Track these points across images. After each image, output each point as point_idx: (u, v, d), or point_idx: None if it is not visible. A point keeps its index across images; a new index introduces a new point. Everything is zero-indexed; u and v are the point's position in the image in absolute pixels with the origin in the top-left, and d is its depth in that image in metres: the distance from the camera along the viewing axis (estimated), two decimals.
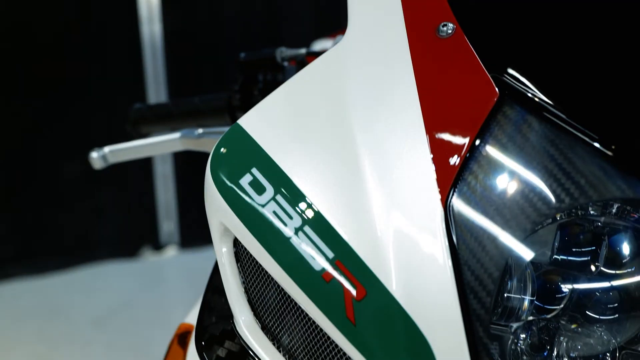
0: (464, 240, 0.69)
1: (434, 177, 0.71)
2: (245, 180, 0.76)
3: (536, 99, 0.73)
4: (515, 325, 0.70)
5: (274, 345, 0.79)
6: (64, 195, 3.57)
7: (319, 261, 0.70)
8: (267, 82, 1.15)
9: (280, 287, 0.76)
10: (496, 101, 0.72)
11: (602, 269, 0.71)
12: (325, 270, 0.70)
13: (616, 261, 0.71)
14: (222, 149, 0.80)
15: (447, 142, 0.72)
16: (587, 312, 0.70)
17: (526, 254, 0.70)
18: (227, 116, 1.19)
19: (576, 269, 0.71)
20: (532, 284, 0.70)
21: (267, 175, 0.76)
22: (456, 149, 0.71)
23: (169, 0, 3.54)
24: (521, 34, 0.81)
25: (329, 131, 0.77)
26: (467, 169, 0.71)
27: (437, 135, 0.72)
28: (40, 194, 3.53)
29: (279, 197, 0.74)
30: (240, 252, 0.80)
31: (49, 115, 3.47)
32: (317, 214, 0.72)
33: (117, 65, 3.52)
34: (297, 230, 0.72)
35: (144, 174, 3.71)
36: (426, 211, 0.70)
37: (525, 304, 0.70)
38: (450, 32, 0.78)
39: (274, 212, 0.73)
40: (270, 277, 0.76)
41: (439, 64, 0.77)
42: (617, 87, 0.77)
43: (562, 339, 0.71)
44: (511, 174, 0.71)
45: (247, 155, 0.78)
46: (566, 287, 0.70)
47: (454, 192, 0.70)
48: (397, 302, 0.67)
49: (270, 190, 0.75)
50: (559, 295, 0.70)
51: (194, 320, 0.91)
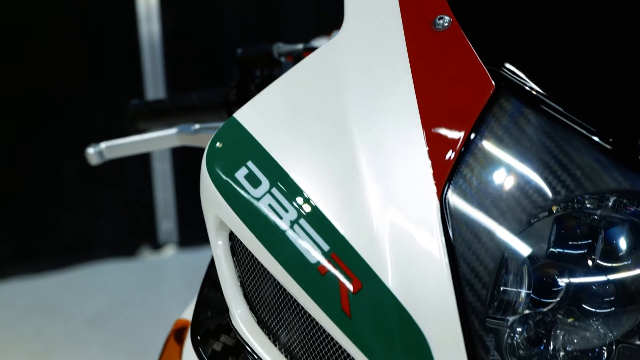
0: (459, 233, 0.69)
1: (430, 170, 0.71)
2: (240, 173, 0.76)
3: (533, 92, 0.72)
4: (511, 318, 0.70)
5: (270, 339, 0.78)
6: (62, 194, 3.56)
7: (315, 254, 0.70)
8: (264, 77, 1.15)
9: (276, 281, 0.75)
10: (492, 94, 0.72)
11: (599, 262, 0.70)
12: (320, 263, 0.70)
13: (612, 254, 0.71)
14: (218, 143, 0.80)
15: (443, 135, 0.72)
16: (584, 306, 0.70)
17: (522, 247, 0.70)
18: (224, 112, 1.19)
19: (572, 263, 0.71)
20: (528, 278, 0.70)
21: (262, 168, 0.75)
22: (452, 142, 0.71)
23: None
24: (518, 27, 0.81)
25: (324, 124, 0.77)
26: (463, 161, 0.71)
27: (432, 127, 0.72)
28: (38, 193, 3.52)
29: (275, 190, 0.74)
30: (236, 246, 0.80)
31: (47, 114, 3.46)
32: (313, 207, 0.72)
33: (116, 64, 3.52)
34: (292, 223, 0.72)
35: (142, 173, 3.71)
36: (422, 204, 0.70)
37: (521, 298, 0.70)
38: (446, 25, 0.78)
39: (270, 205, 0.73)
40: (266, 271, 0.76)
41: (435, 56, 0.77)
42: (614, 80, 0.77)
43: (558, 332, 0.71)
44: (507, 166, 0.71)
45: (243, 148, 0.78)
46: (562, 281, 0.70)
47: (450, 185, 0.70)
48: (393, 295, 0.67)
49: (265, 183, 0.75)
50: (555, 288, 0.70)
51: (190, 316, 0.91)
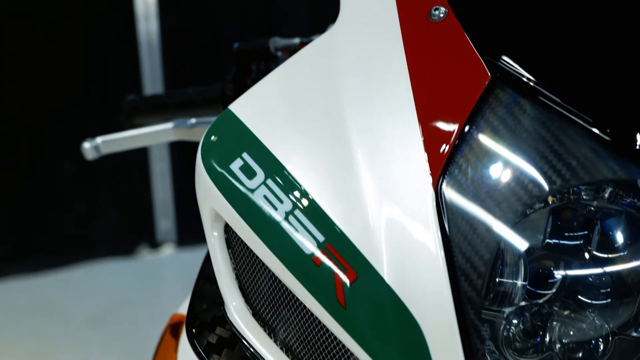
0: (455, 223, 0.69)
1: (426, 161, 0.71)
2: (235, 165, 0.76)
3: (529, 82, 0.72)
4: (507, 310, 0.70)
5: (265, 331, 0.78)
6: (60, 193, 3.56)
7: (310, 245, 0.70)
8: (260, 72, 1.15)
9: (271, 273, 0.75)
10: (488, 84, 0.72)
11: (595, 254, 0.70)
12: (316, 254, 0.70)
13: (608, 246, 0.70)
14: (213, 135, 0.80)
15: (438, 126, 0.72)
16: (580, 297, 0.70)
17: (518, 238, 0.70)
18: (220, 107, 1.19)
19: (568, 254, 0.70)
20: (524, 269, 0.70)
21: (257, 159, 0.75)
22: (447, 132, 0.71)
23: None
24: (514, 17, 0.80)
25: (320, 116, 0.77)
26: (459, 152, 0.71)
27: (428, 118, 0.72)
28: (36, 192, 3.52)
29: (270, 182, 0.74)
30: (231, 239, 0.80)
31: (45, 113, 3.46)
32: (308, 198, 0.72)
33: (114, 63, 3.51)
34: (287, 214, 0.72)
35: (140, 172, 3.70)
36: (417, 195, 0.70)
37: (517, 289, 0.69)
38: (442, 16, 0.78)
39: (265, 197, 0.73)
40: (261, 263, 0.76)
41: (431, 47, 0.77)
42: (610, 70, 0.77)
43: (554, 324, 0.70)
44: (503, 156, 0.71)
45: (238, 140, 0.78)
46: (558, 272, 0.70)
47: (445, 176, 0.70)
48: (388, 286, 0.67)
49: (261, 174, 0.74)
50: (551, 280, 0.70)
51: (186, 310, 0.91)
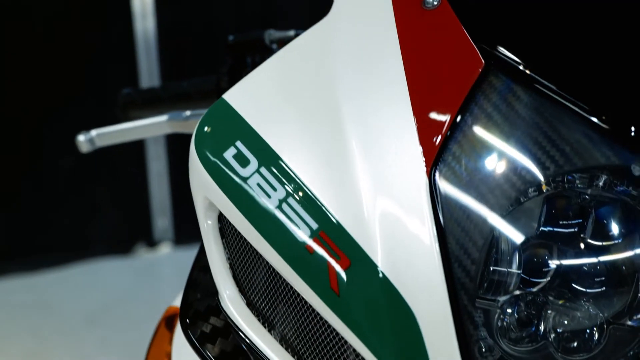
0: (449, 211, 0.69)
1: (419, 148, 0.70)
2: (229, 153, 0.76)
3: (523, 69, 0.72)
4: (502, 299, 0.69)
5: (259, 320, 0.78)
6: (58, 192, 3.56)
7: (303, 232, 0.70)
8: (255, 64, 1.15)
9: (265, 262, 0.75)
10: (481, 71, 0.72)
11: (589, 242, 0.70)
12: (309, 241, 0.69)
13: (603, 234, 0.70)
14: (207, 124, 0.80)
15: (432, 113, 0.72)
16: (574, 286, 0.70)
17: (512, 226, 0.70)
18: (215, 99, 1.18)
19: (563, 242, 0.70)
20: (518, 257, 0.69)
21: (251, 148, 0.75)
22: (441, 120, 0.71)
23: None
24: (508, 5, 0.80)
25: (314, 104, 0.77)
26: (452, 139, 0.71)
27: (422, 106, 0.72)
28: (34, 191, 3.52)
29: (263, 170, 0.74)
30: (225, 228, 0.80)
31: (42, 112, 3.46)
32: (301, 186, 0.72)
33: (111, 61, 3.51)
34: (281, 201, 0.72)
35: (138, 170, 3.70)
36: (411, 182, 0.69)
37: (511, 277, 0.69)
38: (436, 3, 0.78)
39: (258, 184, 0.73)
40: (255, 252, 0.76)
41: (425, 35, 0.77)
42: (606, 58, 0.77)
43: (549, 313, 0.70)
44: (496, 143, 0.71)
45: (232, 128, 0.78)
46: (552, 260, 0.70)
47: (439, 163, 0.70)
48: (382, 273, 0.67)
49: (254, 162, 0.74)
50: (546, 268, 0.70)
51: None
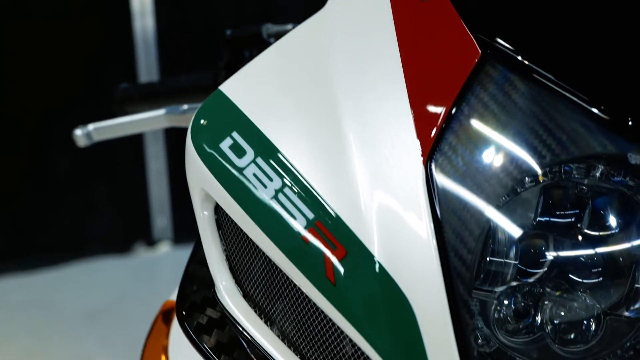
0: (445, 200, 0.68)
1: (416, 138, 0.70)
2: (225, 144, 0.76)
3: (518, 58, 0.72)
4: (498, 290, 0.69)
5: (256, 312, 0.78)
6: (56, 191, 3.55)
7: (299, 222, 0.70)
8: (253, 58, 1.15)
9: (261, 253, 0.75)
10: (478, 61, 0.72)
11: (586, 232, 0.70)
12: (305, 231, 0.69)
13: (600, 224, 0.70)
14: (203, 115, 0.80)
15: (428, 102, 0.72)
16: (571, 276, 0.70)
17: (509, 217, 0.70)
18: None
19: (560, 233, 0.70)
20: (515, 248, 0.69)
21: (247, 138, 0.75)
22: (438, 109, 0.71)
23: None
24: None
25: (310, 95, 0.77)
26: (449, 129, 0.71)
27: (418, 96, 0.72)
28: (33, 191, 3.52)
29: (259, 160, 0.74)
30: (221, 220, 0.80)
31: (39, 111, 3.45)
32: (297, 176, 0.72)
33: (109, 60, 3.51)
34: (277, 192, 0.72)
35: (136, 169, 3.70)
36: (408, 172, 0.69)
37: (508, 268, 0.69)
38: None
39: (254, 175, 0.73)
40: (251, 244, 0.76)
41: (422, 25, 0.77)
42: (603, 48, 0.77)
43: (546, 304, 0.70)
44: (493, 133, 0.71)
45: (228, 119, 0.77)
46: (549, 251, 0.70)
47: (436, 153, 0.70)
48: (378, 262, 0.67)
49: (250, 153, 0.74)
50: (542, 259, 0.70)
51: None
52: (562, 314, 0.70)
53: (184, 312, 0.82)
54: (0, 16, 3.32)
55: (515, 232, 0.70)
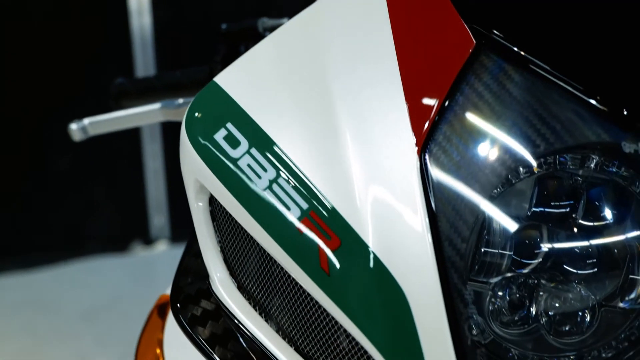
0: (440, 190, 0.68)
1: (410, 128, 0.70)
2: (219, 135, 0.75)
3: (513, 48, 0.72)
4: (493, 280, 0.69)
5: (250, 304, 0.78)
6: (55, 190, 3.55)
7: (293, 212, 0.70)
8: None
9: (255, 245, 0.75)
10: (472, 51, 0.72)
11: (581, 223, 0.70)
12: (299, 221, 0.69)
13: (595, 215, 0.70)
14: (198, 106, 0.80)
15: (423, 93, 0.71)
16: (566, 267, 0.70)
17: (504, 208, 0.70)
18: None
19: (554, 224, 0.70)
20: (509, 238, 0.69)
21: (241, 129, 0.75)
22: (432, 99, 0.71)
23: None
24: None
25: (305, 86, 0.77)
26: (443, 119, 0.70)
27: (413, 86, 0.72)
28: (31, 190, 3.51)
29: (254, 150, 0.73)
30: (216, 211, 0.79)
31: (38, 110, 3.45)
32: (291, 167, 0.71)
33: (106, 59, 3.51)
34: (271, 182, 0.71)
35: (134, 169, 3.70)
36: (402, 162, 0.69)
37: (502, 259, 0.69)
38: None
39: (248, 165, 0.73)
40: (245, 235, 0.76)
41: (417, 15, 0.76)
42: (598, 39, 0.77)
43: (541, 296, 0.70)
44: (488, 122, 0.70)
45: (222, 110, 0.77)
46: (544, 242, 0.69)
47: (430, 143, 0.70)
48: (372, 252, 0.66)
49: (244, 144, 0.74)
50: (537, 249, 0.69)
51: None
52: (557, 305, 0.70)
53: (179, 304, 0.82)
54: (1, 16, 3.32)
55: (509, 223, 0.69)
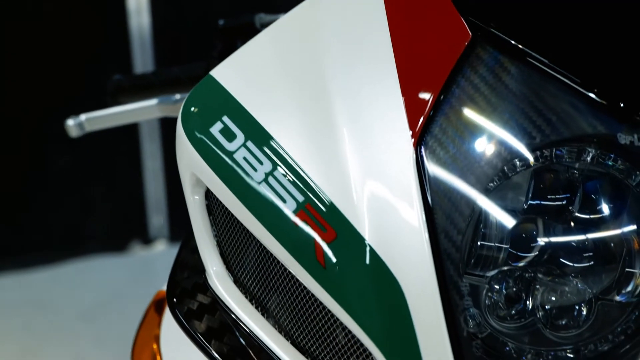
0: (436, 182, 0.68)
1: (406, 120, 0.70)
2: (215, 128, 0.75)
3: (509, 41, 0.72)
4: (490, 274, 0.69)
5: (246, 297, 0.78)
6: (53, 189, 3.55)
7: (289, 205, 0.69)
8: None
9: (251, 239, 0.75)
10: (468, 43, 0.72)
11: (577, 216, 0.70)
12: (295, 214, 0.69)
13: (591, 208, 0.70)
14: (194, 100, 0.80)
15: (419, 86, 0.71)
16: (562, 260, 0.69)
17: (500, 201, 0.70)
18: None
19: (551, 217, 0.70)
20: (506, 232, 0.69)
21: (238, 122, 0.75)
22: (428, 92, 0.71)
23: None
24: None
25: (301, 80, 0.76)
26: (439, 111, 0.70)
27: (408, 78, 0.72)
28: (30, 189, 3.51)
29: (250, 143, 0.73)
30: (212, 205, 0.79)
31: (37, 109, 3.45)
32: (287, 159, 0.71)
33: (105, 59, 3.50)
34: (267, 175, 0.71)
35: (133, 169, 3.70)
36: (398, 154, 0.69)
37: (499, 252, 0.69)
38: None
39: (244, 158, 0.73)
40: (242, 228, 0.76)
41: (413, 8, 0.76)
42: (594, 32, 0.77)
43: (537, 289, 0.70)
44: (484, 115, 0.70)
45: (218, 104, 0.77)
46: (540, 235, 0.69)
47: (426, 135, 0.70)
48: (369, 244, 0.66)
49: (240, 137, 0.74)
50: (533, 243, 0.69)
51: None
52: (554, 298, 0.70)
53: (175, 299, 0.82)
54: (1, 16, 3.32)
55: (506, 216, 0.69)
